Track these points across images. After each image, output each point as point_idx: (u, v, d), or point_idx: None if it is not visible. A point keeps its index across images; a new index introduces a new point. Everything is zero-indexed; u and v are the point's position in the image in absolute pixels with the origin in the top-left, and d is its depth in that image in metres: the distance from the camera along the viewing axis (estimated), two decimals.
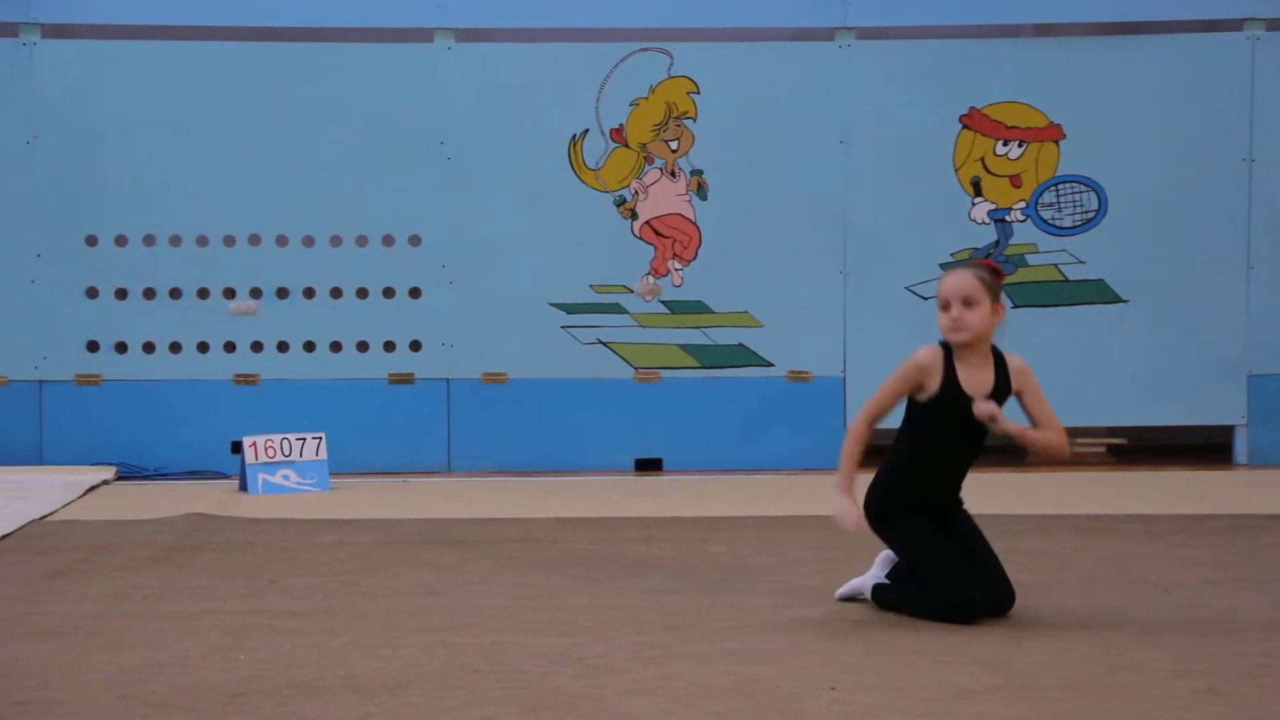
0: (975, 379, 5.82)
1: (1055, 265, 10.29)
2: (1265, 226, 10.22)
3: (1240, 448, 10.31)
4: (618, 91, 10.19)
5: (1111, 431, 10.80)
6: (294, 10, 10.13)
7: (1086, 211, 10.29)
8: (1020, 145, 10.26)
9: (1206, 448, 10.56)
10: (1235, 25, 10.20)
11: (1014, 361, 5.90)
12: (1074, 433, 10.81)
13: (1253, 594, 6.35)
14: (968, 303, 5.73)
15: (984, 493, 9.17)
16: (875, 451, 6.09)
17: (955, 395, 5.78)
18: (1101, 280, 10.22)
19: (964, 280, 5.77)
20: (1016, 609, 5.95)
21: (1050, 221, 10.26)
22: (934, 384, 5.80)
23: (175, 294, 10.18)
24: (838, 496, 6.01)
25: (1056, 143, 10.23)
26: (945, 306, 5.79)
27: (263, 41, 10.11)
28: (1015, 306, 10.16)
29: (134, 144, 10.05)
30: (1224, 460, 10.31)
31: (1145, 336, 10.28)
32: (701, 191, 10.25)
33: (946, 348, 5.83)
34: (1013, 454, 10.28)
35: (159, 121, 10.05)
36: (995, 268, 5.90)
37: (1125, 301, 10.22)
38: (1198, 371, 10.23)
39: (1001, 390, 5.84)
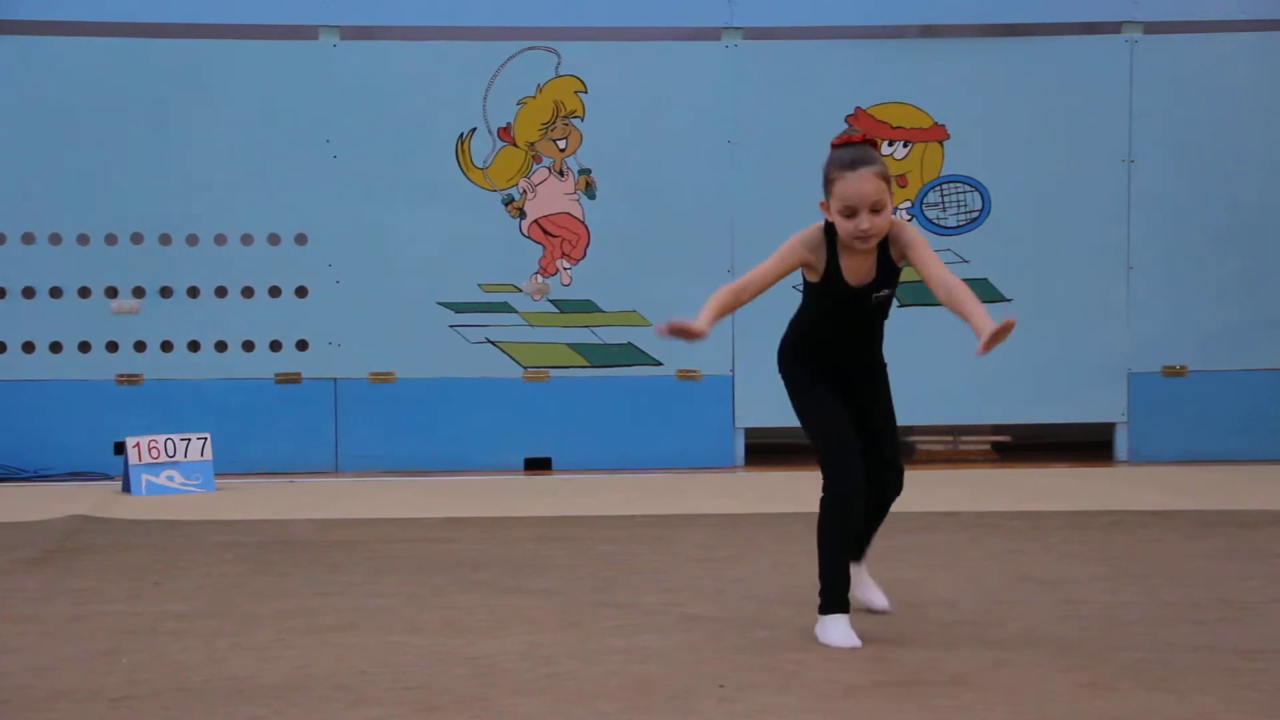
0: (858, 267, 5.51)
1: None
2: (1144, 226, 10.37)
3: (1121, 444, 10.46)
4: (505, 90, 10.18)
5: (996, 429, 10.93)
6: (176, 5, 10.02)
7: (970, 211, 10.40)
8: (905, 145, 10.35)
9: (1088, 445, 10.70)
10: (1114, 28, 10.34)
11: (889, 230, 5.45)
12: (959, 431, 10.98)
13: (1134, 589, 6.44)
14: (876, 209, 5.36)
15: None
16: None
17: (840, 287, 5.53)
18: (985, 279, 10.33)
19: (871, 185, 5.35)
20: (902, 609, 5.98)
21: (935, 221, 10.37)
22: (819, 269, 5.56)
23: (56, 293, 10.05)
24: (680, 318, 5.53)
25: (941, 143, 10.33)
26: (851, 214, 5.38)
27: (144, 38, 10.00)
28: (901, 306, 10.23)
29: (11, 142, 9.91)
30: (1105, 457, 10.45)
31: (1028, 335, 10.37)
32: (590, 190, 10.26)
33: (830, 230, 5.52)
34: None
35: (38, 118, 9.91)
36: (876, 143, 5.53)
37: (1009, 300, 10.34)
38: (1079, 370, 10.37)
39: (885, 274, 5.52)
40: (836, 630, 5.44)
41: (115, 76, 9.96)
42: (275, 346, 10.18)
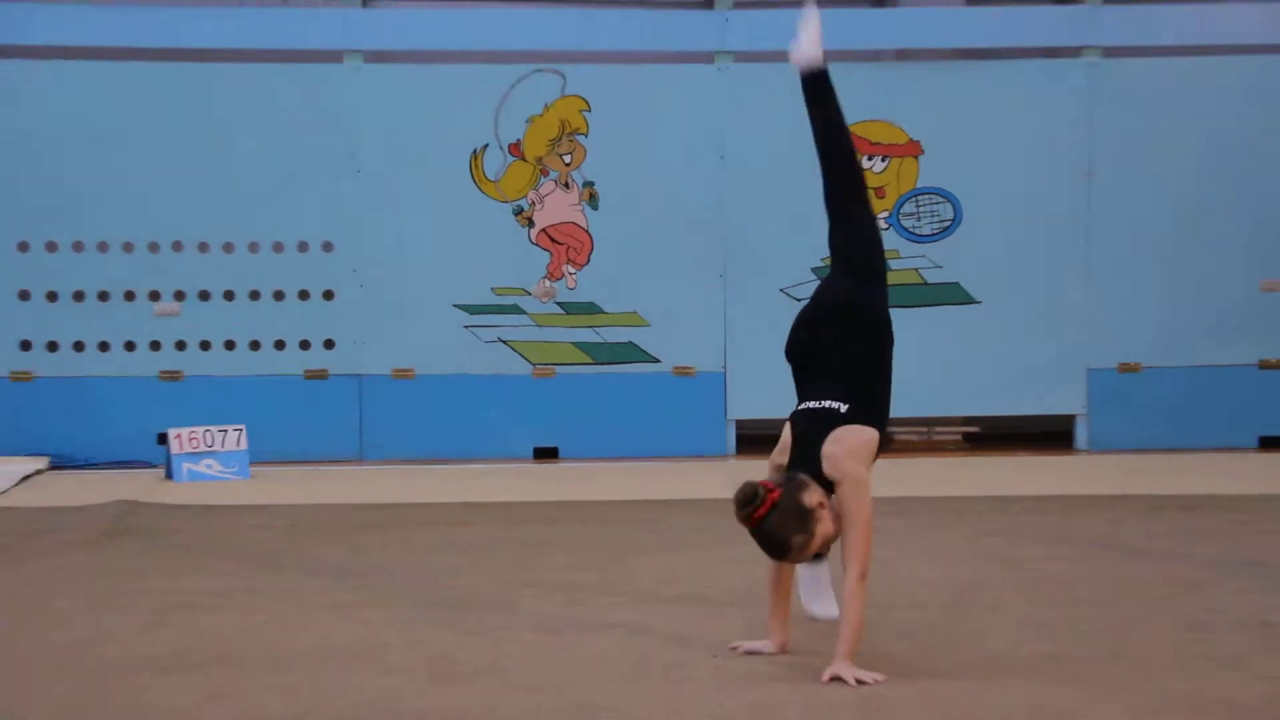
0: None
1: (916, 270, 10.40)
2: (1103, 236, 10.39)
3: (1081, 435, 10.47)
4: (515, 109, 10.19)
5: (966, 420, 10.94)
6: (218, 33, 10.04)
7: (943, 221, 10.41)
8: (883, 160, 10.36)
9: (1051, 435, 10.71)
10: (1074, 53, 10.35)
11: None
12: (932, 422, 10.99)
13: (1091, 567, 6.46)
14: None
15: None
16: None
17: None
18: (957, 283, 10.35)
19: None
20: (879, 585, 5.99)
21: (911, 230, 10.38)
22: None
23: (103, 296, 10.06)
24: None
25: (916, 158, 10.35)
26: None
27: (188, 62, 10.01)
28: None
29: (64, 157, 9.92)
30: (1066, 446, 10.47)
31: (996, 334, 10.42)
32: (593, 201, 10.27)
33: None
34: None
35: (87, 136, 9.93)
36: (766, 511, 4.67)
37: (978, 303, 10.36)
38: (1043, 366, 10.39)
39: None
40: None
41: (157, 98, 9.97)
42: (304, 345, 10.19)
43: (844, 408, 4.85)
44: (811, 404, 4.97)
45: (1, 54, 9.95)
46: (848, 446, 4.77)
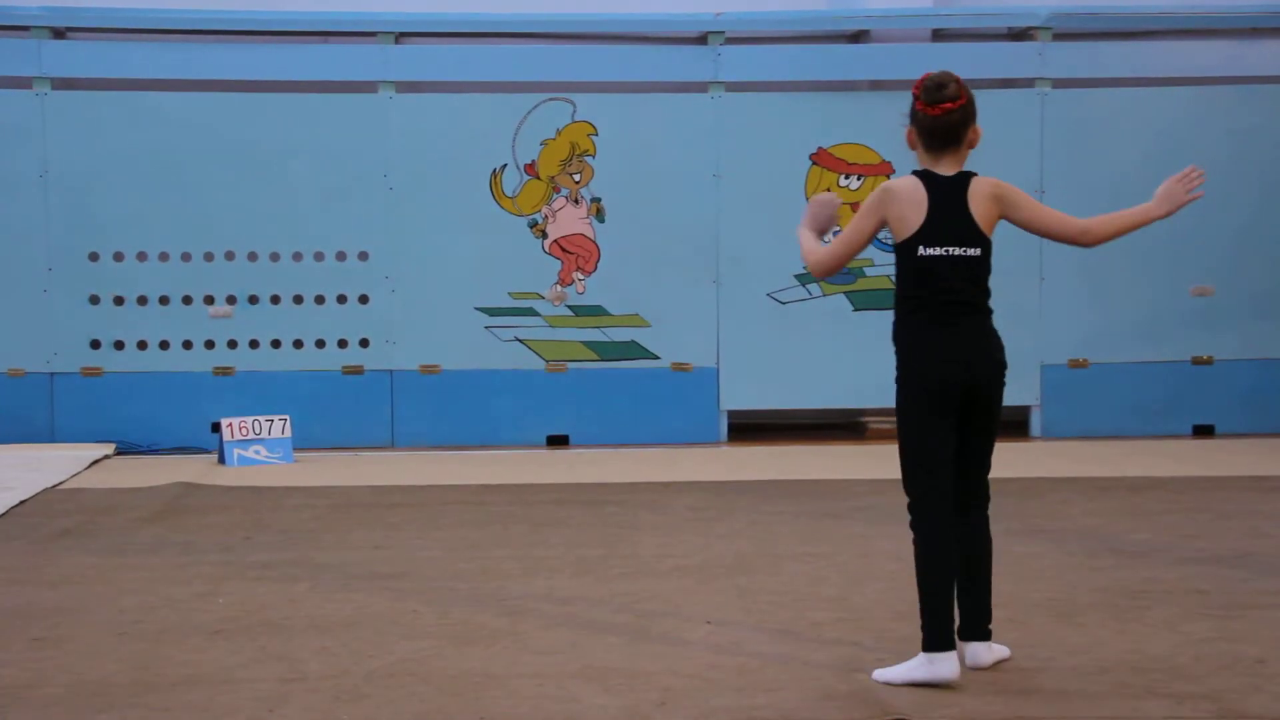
0: None
1: (887, 276, 10.38)
2: (1054, 246, 10.29)
3: (1035, 424, 10.45)
4: (530, 133, 10.17)
5: None
6: (267, 66, 10.02)
7: None
8: (859, 179, 10.35)
9: (1008, 424, 10.68)
10: (1028, 83, 10.34)
11: None
12: None
13: (1044, 542, 6.46)
14: None
15: (827, 460, 9.27)
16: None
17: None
18: None
19: None
20: (854, 559, 5.99)
21: (883, 240, 10.33)
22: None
23: (164, 301, 10.05)
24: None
25: (888, 176, 10.32)
26: None
27: (240, 92, 10.00)
28: (855, 310, 10.27)
29: (130, 177, 9.91)
30: (1022, 434, 10.45)
31: None
32: (600, 215, 10.25)
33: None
34: (852, 428, 10.40)
35: (151, 159, 9.91)
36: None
37: None
38: None
39: None
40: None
41: (213, 124, 9.95)
42: (342, 344, 10.17)
43: None
44: None
45: (75, 86, 9.95)
46: None
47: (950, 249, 4.67)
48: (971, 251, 4.71)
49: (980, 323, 4.69)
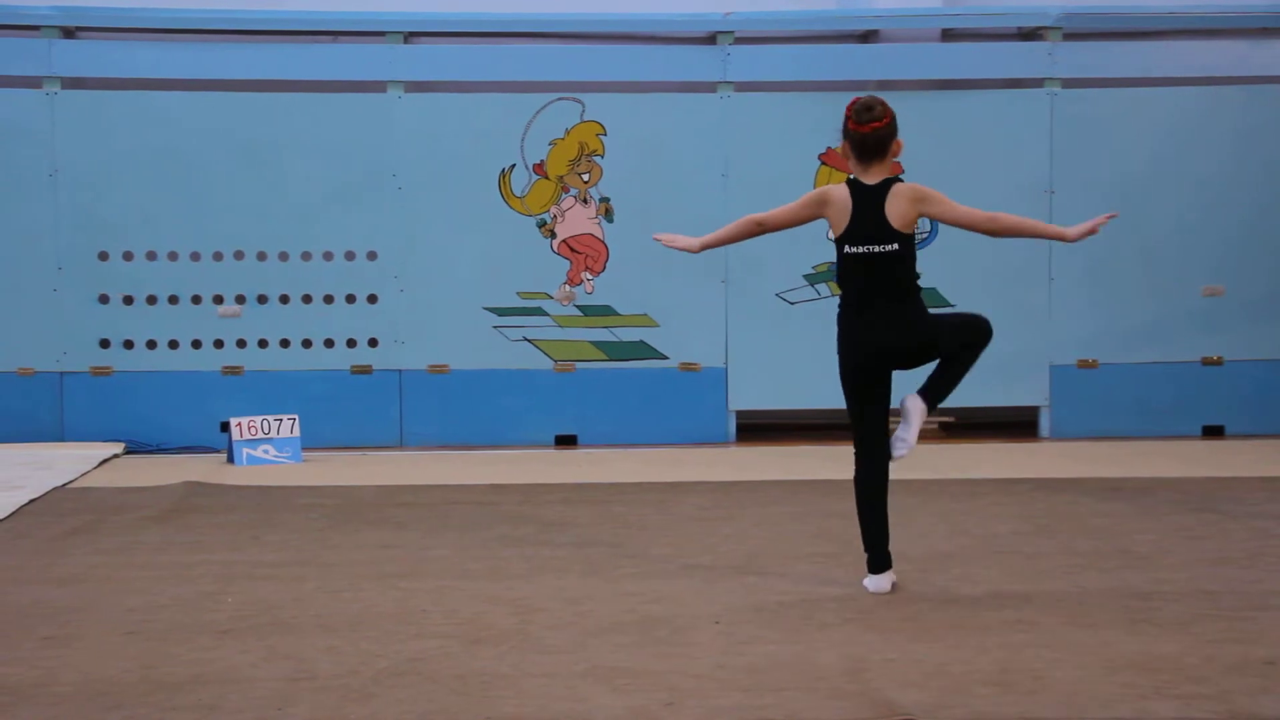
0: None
1: None
2: (1061, 246, 10.33)
3: (1044, 424, 10.44)
4: (539, 133, 10.17)
5: (943, 411, 10.90)
6: (276, 66, 10.02)
7: (921, 232, 10.36)
8: None
9: (1017, 424, 10.68)
10: (1037, 84, 10.32)
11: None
12: None
13: (1053, 541, 6.45)
14: None
15: (835, 460, 9.25)
16: None
17: None
18: (935, 288, 10.31)
19: None
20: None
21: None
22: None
23: (173, 300, 10.06)
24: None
25: (896, 176, 10.28)
26: None
27: (250, 92, 10.01)
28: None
29: (139, 177, 9.92)
30: (1031, 434, 10.44)
31: None
32: (609, 215, 10.25)
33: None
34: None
35: (160, 158, 9.93)
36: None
37: (953, 306, 10.32)
38: (1010, 362, 10.33)
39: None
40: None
41: (222, 124, 9.96)
42: (351, 344, 10.18)
43: None
44: None
45: (85, 85, 9.97)
46: None
47: (870, 247, 5.49)
48: (889, 248, 5.50)
49: (895, 308, 5.52)
